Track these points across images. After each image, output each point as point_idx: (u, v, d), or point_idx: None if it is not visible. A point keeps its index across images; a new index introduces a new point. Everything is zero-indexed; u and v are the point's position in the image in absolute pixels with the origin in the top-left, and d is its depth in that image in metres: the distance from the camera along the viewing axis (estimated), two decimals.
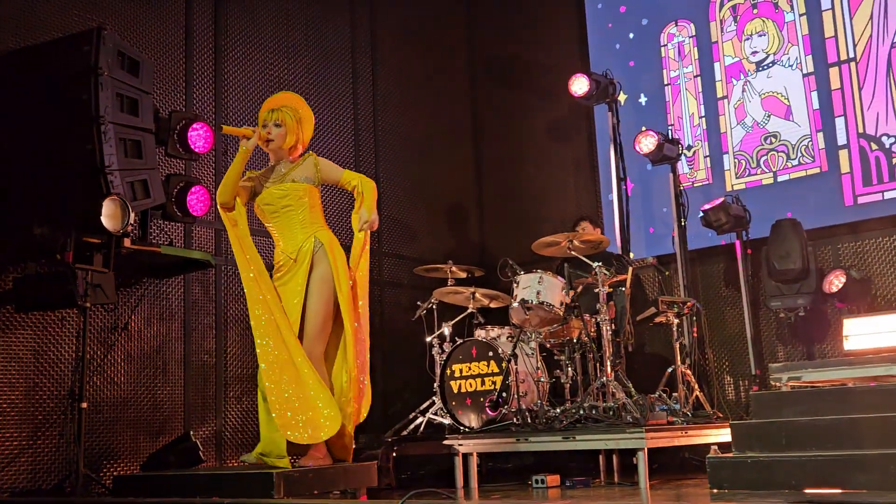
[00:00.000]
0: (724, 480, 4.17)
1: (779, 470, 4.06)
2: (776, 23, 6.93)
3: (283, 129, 4.45)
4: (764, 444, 4.35)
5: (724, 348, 6.83)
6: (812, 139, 6.62)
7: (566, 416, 5.29)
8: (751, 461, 4.17)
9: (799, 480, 3.97)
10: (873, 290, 6.21)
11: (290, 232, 4.41)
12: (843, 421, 4.22)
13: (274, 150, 4.50)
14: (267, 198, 4.44)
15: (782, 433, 4.38)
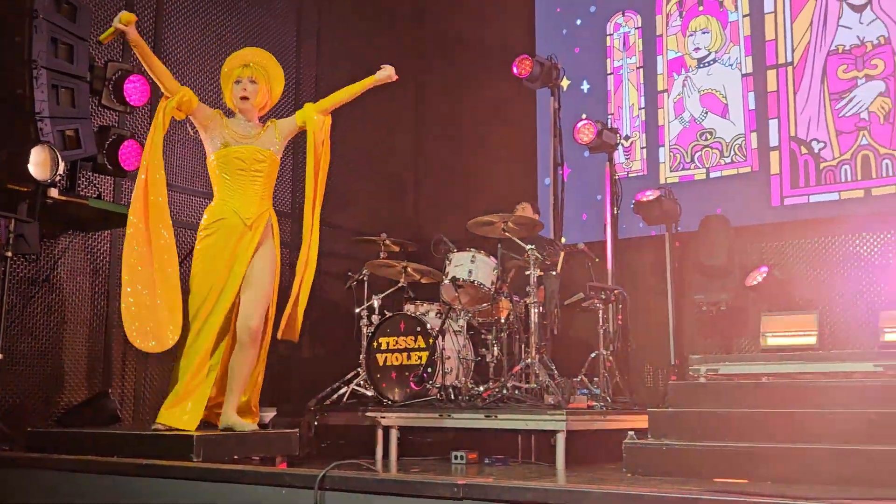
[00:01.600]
0: (638, 465, 4.28)
1: (691, 458, 4.19)
2: (720, 22, 7.06)
3: (258, 86, 4.39)
4: (679, 432, 4.48)
5: (646, 337, 6.98)
6: (745, 138, 6.79)
7: (489, 395, 5.35)
8: (665, 448, 4.29)
9: (710, 469, 4.11)
10: (792, 290, 6.42)
11: (249, 197, 4.34)
12: (755, 414, 4.37)
13: (246, 108, 4.41)
14: (242, 153, 4.34)
15: (697, 423, 4.52)
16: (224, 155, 4.35)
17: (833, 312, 6.27)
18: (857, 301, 6.24)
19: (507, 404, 5.24)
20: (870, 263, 6.26)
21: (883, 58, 6.30)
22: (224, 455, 4.04)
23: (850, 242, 6.36)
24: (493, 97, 8.11)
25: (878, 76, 6.28)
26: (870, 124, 6.28)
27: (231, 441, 4.15)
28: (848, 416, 4.17)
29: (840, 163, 6.36)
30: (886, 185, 6.15)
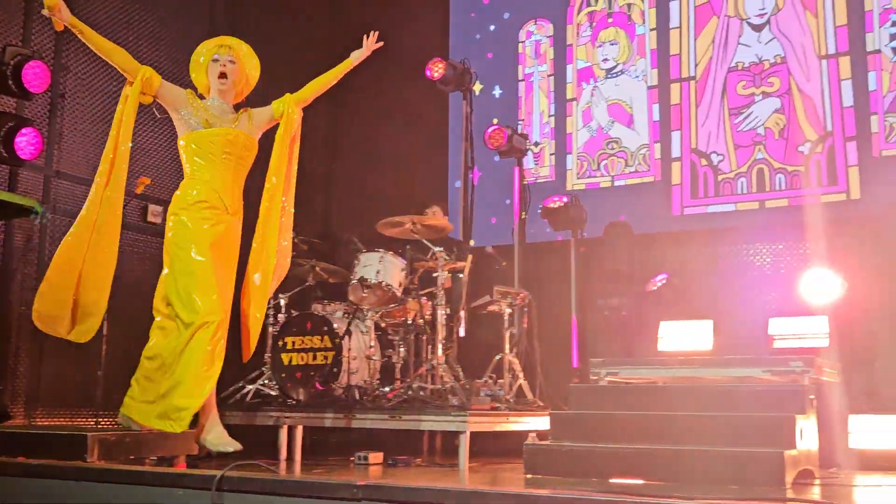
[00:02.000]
0: (538, 466, 4.36)
1: (590, 459, 4.29)
2: (628, 34, 7.25)
3: (237, 66, 4.25)
4: (579, 434, 4.59)
5: (551, 340, 7.09)
6: (649, 149, 6.99)
7: (394, 396, 5.37)
8: (565, 449, 4.38)
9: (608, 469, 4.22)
10: (690, 297, 6.64)
11: (230, 183, 4.20)
12: (652, 416, 4.51)
13: (225, 89, 4.24)
14: (231, 136, 4.16)
15: (596, 425, 4.64)
16: (204, 136, 4.14)
17: (728, 319, 6.50)
18: (750, 309, 6.50)
19: (411, 405, 5.26)
20: (762, 273, 6.53)
21: (779, 76, 6.58)
22: (120, 455, 3.94)
23: (744, 252, 6.62)
24: (406, 99, 8.13)
25: (774, 93, 6.56)
26: (765, 139, 6.55)
27: (127, 441, 4.05)
28: (740, 420, 4.34)
29: (737, 175, 6.62)
30: (779, 199, 6.43)
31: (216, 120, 4.16)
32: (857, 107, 6.30)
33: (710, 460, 3.99)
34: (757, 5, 6.76)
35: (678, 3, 7.07)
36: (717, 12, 6.92)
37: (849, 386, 6.02)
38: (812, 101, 6.46)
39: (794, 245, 6.42)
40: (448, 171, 7.87)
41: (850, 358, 6.03)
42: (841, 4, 6.47)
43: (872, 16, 6.36)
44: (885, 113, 6.21)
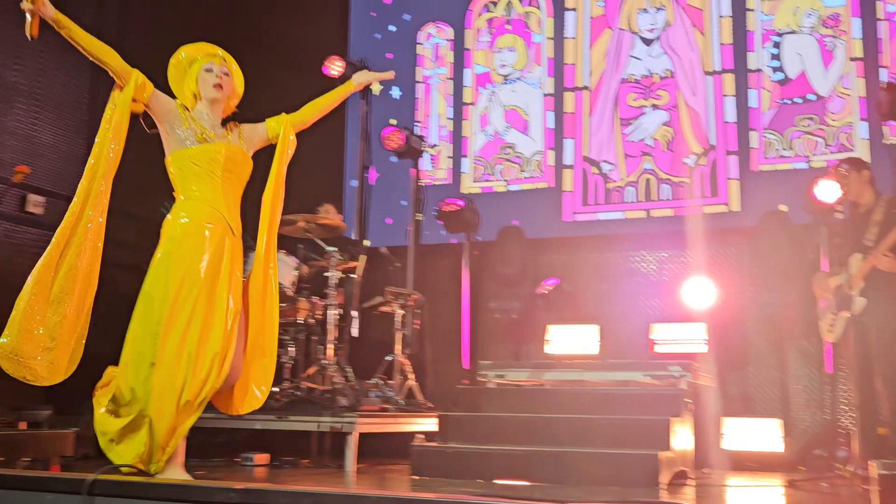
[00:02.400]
0: (425, 468, 4.40)
1: (476, 460, 4.34)
2: (526, 42, 7.37)
3: (230, 80, 3.83)
4: (466, 435, 4.64)
5: (443, 342, 7.15)
6: (543, 155, 7.13)
7: (283, 396, 5.29)
8: (451, 451, 4.43)
9: (493, 471, 4.28)
10: (578, 301, 6.80)
11: (232, 202, 3.73)
12: (537, 418, 4.60)
13: (219, 99, 3.78)
14: (231, 153, 3.70)
15: (483, 426, 4.70)
16: (201, 153, 3.65)
17: (613, 324, 6.69)
18: (634, 314, 6.70)
19: (300, 406, 5.20)
20: (647, 279, 6.74)
21: (668, 90, 6.82)
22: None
23: (631, 259, 6.83)
24: (304, 95, 7.99)
25: (662, 106, 6.79)
26: (653, 150, 6.77)
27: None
28: (619, 422, 4.48)
29: (626, 184, 6.81)
30: (664, 208, 6.66)
31: (209, 134, 3.71)
32: (739, 122, 6.59)
33: (590, 462, 4.10)
34: (648, 20, 6.99)
35: (574, 14, 7.23)
36: (610, 25, 7.11)
37: (724, 390, 6.29)
38: (698, 115, 6.71)
39: (677, 253, 6.66)
40: (344, 170, 7.82)
41: (725, 363, 6.31)
42: (727, 23, 6.75)
43: (755, 36, 6.66)
44: (763, 129, 6.50)
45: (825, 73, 6.43)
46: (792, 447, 5.80)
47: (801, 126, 6.41)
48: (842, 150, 6.20)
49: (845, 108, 6.32)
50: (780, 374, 6.19)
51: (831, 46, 6.44)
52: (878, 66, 6.29)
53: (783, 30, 6.60)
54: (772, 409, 6.15)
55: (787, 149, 6.43)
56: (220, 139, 3.72)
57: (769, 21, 6.64)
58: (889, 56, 6.27)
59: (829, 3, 6.51)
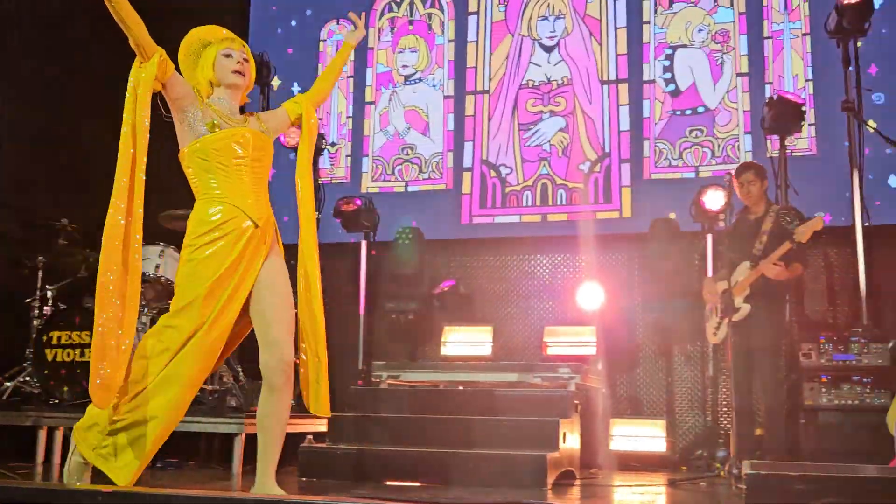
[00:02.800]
0: (313, 469, 4.35)
1: (366, 462, 4.32)
2: (428, 43, 7.39)
3: (249, 67, 3.46)
4: (357, 436, 4.61)
5: (340, 342, 7.05)
6: (443, 157, 7.16)
7: None
8: (341, 452, 4.39)
9: (383, 472, 4.27)
10: (473, 302, 6.86)
11: (255, 193, 3.34)
12: (428, 420, 4.61)
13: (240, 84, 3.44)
14: (243, 137, 3.31)
15: (375, 427, 4.68)
16: (216, 140, 3.30)
17: (508, 326, 6.79)
18: (528, 316, 6.81)
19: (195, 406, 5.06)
20: (542, 282, 6.85)
21: (565, 97, 6.94)
22: None
23: (526, 262, 6.93)
24: None
25: (560, 113, 6.92)
26: (550, 156, 6.89)
27: None
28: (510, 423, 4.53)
29: (523, 188, 6.91)
30: (559, 213, 6.78)
31: (231, 120, 3.37)
32: (633, 131, 6.76)
33: (480, 462, 4.14)
34: (548, 28, 7.11)
35: (476, 18, 7.29)
36: (511, 31, 7.19)
37: (612, 392, 6.45)
38: (593, 122, 6.86)
39: (570, 257, 6.79)
40: None
41: (614, 366, 6.47)
42: (623, 34, 6.92)
43: (650, 48, 6.86)
44: (655, 139, 6.70)
45: (714, 86, 6.66)
46: (675, 448, 6.00)
47: (691, 137, 6.63)
48: (727, 162, 6.44)
49: (732, 121, 6.57)
50: (667, 377, 6.38)
51: (720, 61, 6.69)
52: (763, 82, 6.56)
53: (676, 43, 6.81)
54: (658, 411, 6.34)
55: (677, 158, 6.64)
56: (241, 125, 3.38)
57: (663, 34, 6.85)
58: (773, 73, 6.55)
59: (719, 19, 6.75)
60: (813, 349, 5.18)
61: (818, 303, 6.22)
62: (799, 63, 6.52)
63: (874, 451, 4.88)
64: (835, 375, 5.10)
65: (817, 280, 6.20)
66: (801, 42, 6.55)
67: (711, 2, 6.79)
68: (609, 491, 4.35)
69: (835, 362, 5.12)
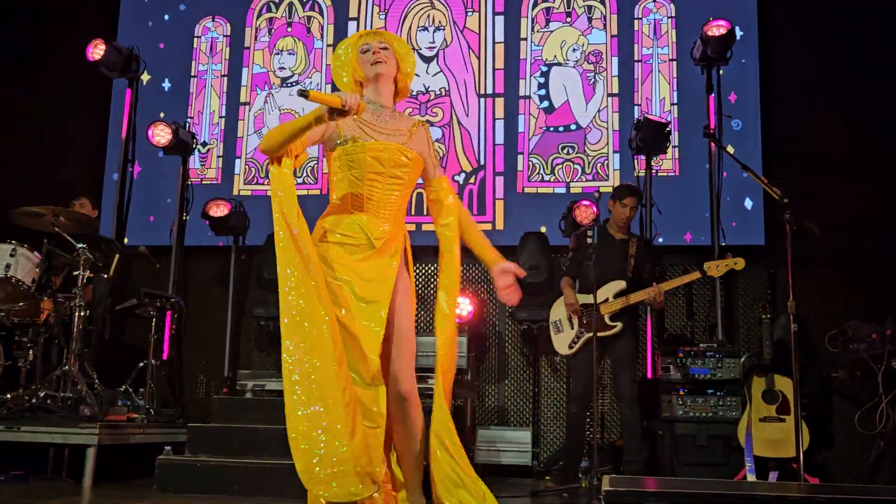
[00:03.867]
0: (170, 482, 4.19)
1: (227, 474, 4.20)
2: (306, 46, 7.28)
3: (391, 52, 3.19)
4: (217, 447, 4.48)
5: (205, 349, 6.88)
6: (318, 163, 7.06)
7: (15, 404, 4.85)
8: (200, 464, 4.25)
9: (244, 485, 4.15)
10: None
11: (382, 210, 3.14)
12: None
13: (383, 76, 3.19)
14: (379, 151, 3.11)
15: (237, 438, 4.55)
16: (351, 152, 3.13)
17: None
18: None
19: (35, 415, 4.79)
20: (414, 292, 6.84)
21: (443, 107, 6.98)
22: None
23: None
24: (64, 78, 7.45)
25: (437, 123, 6.94)
26: None
27: None
28: None
29: None
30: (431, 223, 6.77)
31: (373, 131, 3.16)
32: (507, 145, 6.86)
33: None
34: (427, 39, 7.12)
35: (356, 24, 7.23)
36: None
37: (481, 401, 6.52)
38: (469, 134, 6.92)
39: None
40: (106, 162, 7.32)
41: (483, 375, 6.54)
42: (500, 49, 7.02)
43: (526, 64, 6.98)
44: (529, 153, 6.82)
45: (586, 105, 6.85)
46: (540, 458, 6.11)
47: (563, 153, 6.78)
48: (597, 179, 6.63)
49: (602, 140, 6.77)
50: (534, 387, 6.49)
51: (592, 81, 6.88)
52: (632, 103, 6.79)
53: (551, 60, 6.96)
54: (524, 421, 6.44)
55: (549, 173, 6.77)
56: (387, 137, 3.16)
57: (539, 51, 6.99)
58: (642, 95, 6.79)
59: (593, 40, 6.94)
60: (671, 363, 5.38)
61: (677, 318, 6.48)
62: (666, 87, 6.79)
63: (726, 462, 5.13)
64: (691, 388, 5.31)
65: (677, 296, 6.46)
66: (669, 67, 6.82)
67: (586, 22, 6.97)
68: None
69: (692, 375, 5.34)
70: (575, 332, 5.18)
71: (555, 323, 5.30)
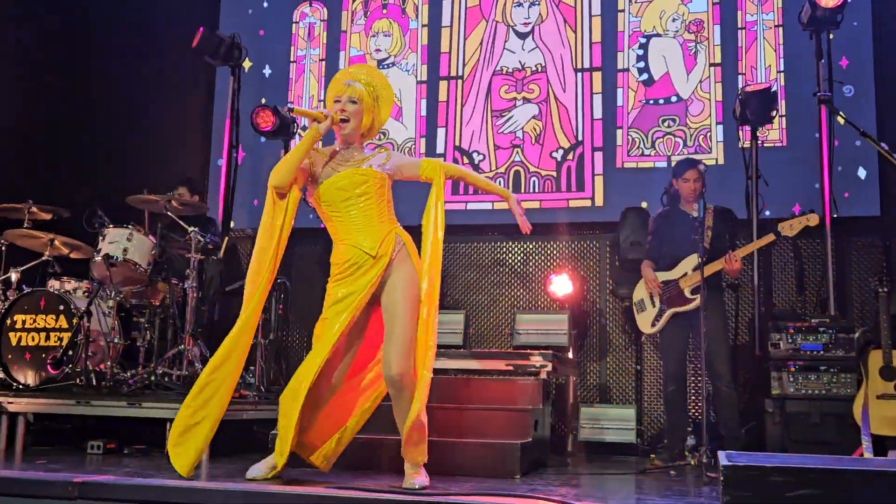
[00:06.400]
0: None
1: None
2: (401, 27, 7.32)
3: (358, 107, 3.69)
4: None
5: (308, 328, 7.01)
6: (416, 143, 7.11)
7: (136, 382, 5.08)
8: None
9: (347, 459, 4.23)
10: (444, 290, 6.82)
11: (365, 225, 3.69)
12: None
13: (347, 134, 3.71)
14: (340, 181, 3.65)
15: None
16: (325, 191, 3.69)
17: (479, 313, 6.78)
18: (500, 304, 6.80)
19: (154, 391, 5.01)
20: (512, 269, 6.84)
21: (539, 84, 6.92)
22: None
23: (498, 249, 6.91)
24: (171, 70, 7.71)
25: (533, 100, 6.89)
26: (523, 143, 6.87)
27: None
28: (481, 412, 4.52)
29: (496, 175, 6.88)
30: (532, 200, 6.76)
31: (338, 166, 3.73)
32: (605, 120, 6.76)
33: (451, 451, 4.12)
34: (522, 15, 7.07)
35: (450, 3, 7.23)
36: (486, 16, 7.15)
37: (583, 379, 6.48)
38: (567, 110, 6.85)
39: (542, 245, 6.79)
40: (211, 148, 7.56)
41: (585, 353, 6.49)
42: (597, 22, 6.91)
43: (624, 36, 6.85)
44: (628, 128, 6.70)
45: (687, 76, 6.68)
46: (644, 436, 6.04)
47: (663, 126, 6.64)
48: (699, 152, 6.46)
49: (704, 111, 6.59)
50: (636, 364, 6.41)
51: (694, 51, 6.70)
52: (735, 72, 6.59)
53: (649, 32, 6.81)
54: (627, 399, 6.37)
55: (649, 147, 6.65)
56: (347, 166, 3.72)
57: (637, 23, 6.84)
58: (746, 64, 6.58)
59: (693, 8, 6.76)
60: (781, 339, 5.22)
61: (787, 293, 6.28)
62: (771, 54, 6.56)
63: (840, 440, 4.96)
64: (802, 365, 5.15)
65: (786, 270, 6.26)
66: (774, 33, 6.58)
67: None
68: (581, 479, 4.36)
69: (803, 352, 5.17)
70: (657, 310, 5.13)
71: (638, 303, 5.29)
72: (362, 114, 3.72)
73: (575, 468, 4.84)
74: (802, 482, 2.02)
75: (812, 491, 2.00)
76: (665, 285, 5.12)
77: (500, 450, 4.10)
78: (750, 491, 2.11)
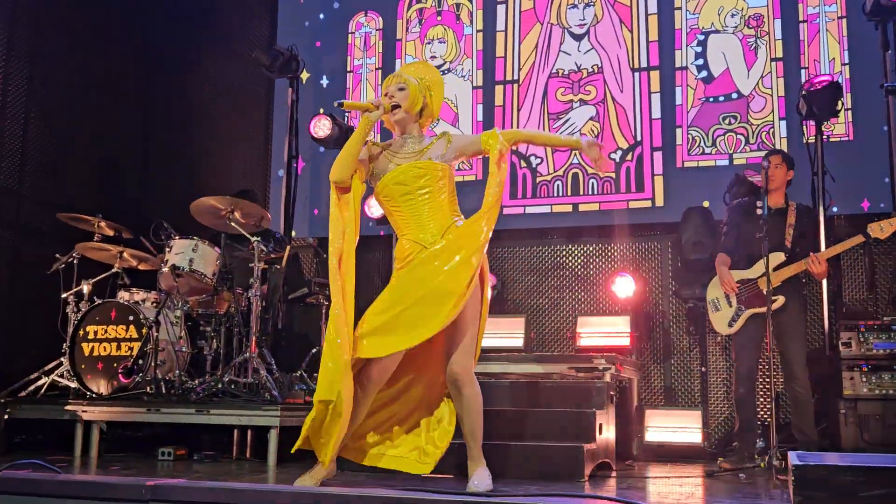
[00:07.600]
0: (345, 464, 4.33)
1: None
2: (456, 33, 7.34)
3: (406, 91, 3.67)
4: None
5: None
6: None
7: (204, 389, 5.18)
8: None
9: None
10: (505, 294, 6.82)
11: (427, 218, 3.62)
12: None
13: (401, 120, 3.69)
14: (399, 176, 3.62)
15: None
16: (384, 186, 3.66)
17: (540, 316, 6.76)
18: (560, 307, 6.76)
19: (221, 399, 5.10)
20: (573, 272, 6.80)
21: (596, 85, 6.87)
22: None
23: (557, 252, 6.87)
24: (229, 81, 7.88)
25: (590, 101, 6.85)
26: None
27: None
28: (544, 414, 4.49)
29: (554, 178, 6.85)
30: (590, 202, 6.72)
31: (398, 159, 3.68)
32: (664, 119, 6.68)
33: (515, 455, 4.11)
34: (577, 16, 7.03)
35: (505, 7, 7.23)
36: (540, 19, 7.13)
37: (647, 382, 6.40)
38: (624, 110, 6.79)
39: (603, 247, 6.73)
40: (271, 159, 7.69)
41: (648, 355, 6.41)
42: (654, 21, 6.83)
43: (681, 34, 6.76)
44: (688, 126, 6.61)
45: (748, 72, 6.56)
46: (710, 439, 5.93)
47: (724, 124, 6.54)
48: (762, 148, 6.34)
49: (766, 107, 6.47)
50: (701, 367, 6.31)
51: (754, 46, 6.58)
52: (798, 66, 6.45)
53: (708, 29, 6.71)
54: (692, 401, 6.27)
55: (710, 145, 6.55)
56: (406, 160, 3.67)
57: (695, 20, 6.75)
58: (808, 57, 6.44)
59: (753, 3, 6.64)
60: (852, 338, 5.09)
61: (857, 291, 6.11)
62: (835, 46, 6.40)
63: None
64: (875, 364, 5.01)
65: (856, 268, 6.10)
66: (837, 25, 6.42)
67: None
68: (647, 482, 4.31)
69: (875, 351, 5.03)
70: (734, 310, 4.98)
71: (712, 301, 5.12)
72: (410, 96, 3.67)
73: (641, 472, 4.78)
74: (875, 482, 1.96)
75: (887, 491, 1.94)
76: (741, 284, 4.98)
77: (565, 453, 4.07)
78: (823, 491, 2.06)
